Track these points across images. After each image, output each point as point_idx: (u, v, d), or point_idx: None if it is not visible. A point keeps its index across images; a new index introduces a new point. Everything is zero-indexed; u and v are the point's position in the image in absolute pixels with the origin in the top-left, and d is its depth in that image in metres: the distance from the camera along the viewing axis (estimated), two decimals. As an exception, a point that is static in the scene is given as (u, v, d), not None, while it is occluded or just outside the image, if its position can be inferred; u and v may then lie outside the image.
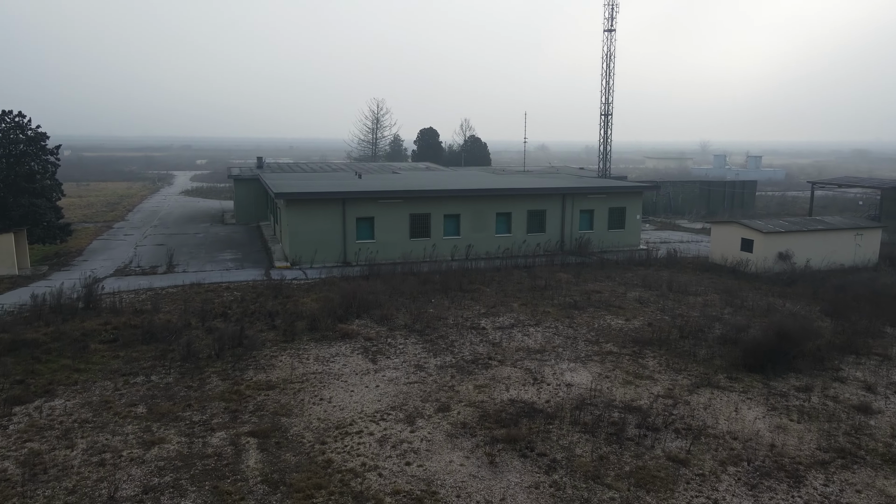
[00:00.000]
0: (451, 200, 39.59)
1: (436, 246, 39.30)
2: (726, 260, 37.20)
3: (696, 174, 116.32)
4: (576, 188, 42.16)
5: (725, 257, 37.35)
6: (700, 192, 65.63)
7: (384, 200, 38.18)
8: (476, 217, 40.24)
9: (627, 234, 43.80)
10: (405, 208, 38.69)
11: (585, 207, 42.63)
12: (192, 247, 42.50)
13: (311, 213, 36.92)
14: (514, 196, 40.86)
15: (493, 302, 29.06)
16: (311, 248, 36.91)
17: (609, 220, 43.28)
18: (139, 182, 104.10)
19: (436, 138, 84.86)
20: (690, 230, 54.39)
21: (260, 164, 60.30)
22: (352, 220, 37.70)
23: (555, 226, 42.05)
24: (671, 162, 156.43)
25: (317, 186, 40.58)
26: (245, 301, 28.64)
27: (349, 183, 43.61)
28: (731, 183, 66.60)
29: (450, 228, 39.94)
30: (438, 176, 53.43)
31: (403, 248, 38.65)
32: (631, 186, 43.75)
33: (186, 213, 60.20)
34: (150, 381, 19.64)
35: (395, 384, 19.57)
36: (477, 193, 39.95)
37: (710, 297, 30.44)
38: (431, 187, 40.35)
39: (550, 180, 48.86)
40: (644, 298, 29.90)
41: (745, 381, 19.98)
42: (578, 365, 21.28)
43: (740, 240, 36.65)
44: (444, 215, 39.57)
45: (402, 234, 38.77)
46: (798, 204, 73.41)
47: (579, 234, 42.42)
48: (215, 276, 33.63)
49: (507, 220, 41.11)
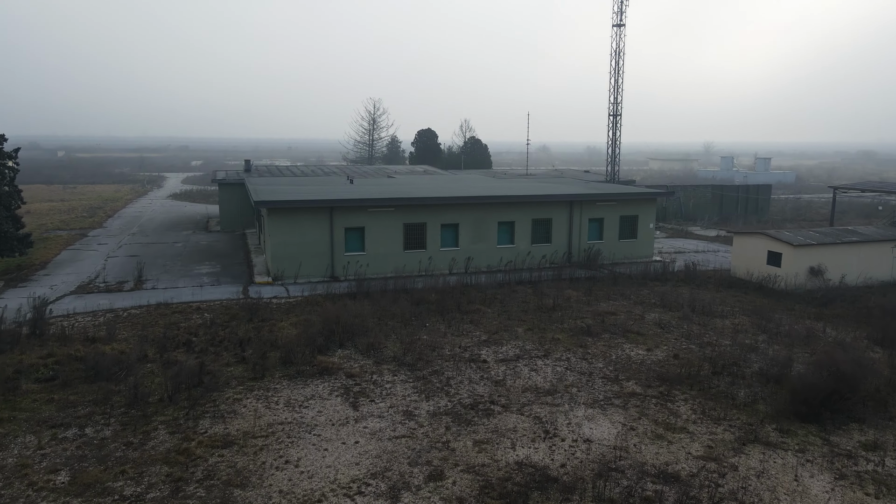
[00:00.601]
0: (449, 209, 36.28)
1: (432, 259, 35.98)
2: (751, 275, 33.88)
3: (703, 177, 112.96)
4: (584, 195, 38.85)
5: (750, 272, 34.03)
6: (712, 196, 62.31)
7: (376, 209, 34.86)
8: (476, 227, 36.93)
9: (640, 245, 40.48)
10: (399, 217, 35.39)
11: (594, 216, 39.31)
12: (168, 258, 39.17)
13: (296, 222, 33.61)
14: (518, 204, 37.55)
15: (494, 326, 25.75)
16: (294, 262, 33.60)
17: (620, 230, 39.96)
18: (129, 184, 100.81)
19: (434, 140, 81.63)
20: (704, 238, 51.07)
21: (248, 167, 57.00)
22: (340, 231, 34.40)
23: (561, 236, 38.74)
24: (676, 164, 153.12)
25: (302, 193, 37.27)
26: (215, 325, 25.32)
27: (339, 189, 40.30)
28: (745, 187, 63.29)
29: (447, 239, 36.63)
30: (436, 181, 50.12)
31: (397, 262, 35.34)
32: (644, 193, 40.48)
33: (169, 220, 56.87)
34: (83, 434, 16.32)
35: (378, 439, 16.25)
36: (477, 201, 36.64)
37: (738, 319, 27.11)
38: (427, 194, 37.03)
39: (556, 186, 45.55)
40: (665, 322, 26.57)
41: (798, 434, 16.65)
42: (597, 411, 17.95)
43: (767, 253, 33.33)
44: (441, 225, 36.26)
45: (396, 245, 35.46)
46: (813, 209, 70.12)
47: (588, 245, 39.11)
48: (187, 295, 30.30)
49: (509, 229, 37.80)
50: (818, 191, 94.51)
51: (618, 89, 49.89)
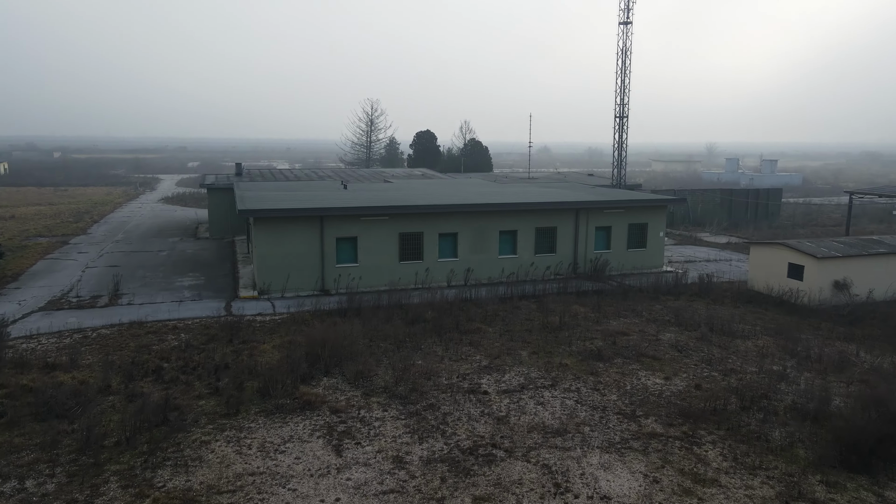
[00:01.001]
0: (448, 217, 34.09)
1: (429, 271, 33.79)
2: (771, 289, 31.69)
3: (707, 179, 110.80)
4: (591, 202, 36.65)
5: (769, 285, 31.84)
6: (721, 201, 60.13)
7: (369, 218, 32.67)
8: (476, 236, 34.74)
9: (650, 255, 38.28)
10: (394, 227, 33.20)
11: (601, 224, 37.11)
12: (150, 269, 36.99)
13: (284, 233, 31.44)
14: (520, 212, 35.35)
15: (496, 349, 23.57)
16: (282, 275, 31.43)
17: (629, 239, 37.76)
18: (122, 187, 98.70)
19: (433, 142, 79.40)
20: (715, 245, 48.90)
21: (239, 170, 54.84)
22: (331, 241, 32.22)
23: (567, 245, 36.54)
24: (678, 165, 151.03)
25: (291, 201, 35.07)
26: (190, 348, 23.14)
27: (331, 196, 38.10)
28: (755, 191, 61.10)
29: (446, 249, 34.45)
30: (434, 186, 47.96)
31: (391, 274, 33.16)
32: (654, 200, 38.29)
33: (157, 226, 54.68)
34: (22, 489, 14.14)
35: (362, 495, 14.06)
36: (477, 209, 34.44)
37: (762, 341, 24.92)
38: (424, 201, 34.82)
39: (560, 192, 43.36)
40: (682, 344, 24.37)
41: (848, 489, 14.45)
42: (614, 457, 15.76)
43: (787, 265, 31.14)
44: (438, 234, 34.07)
45: (390, 256, 33.27)
46: (825, 213, 67.91)
47: (595, 255, 36.91)
48: (164, 311, 28.12)
49: (511, 239, 35.61)
50: (826, 193, 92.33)
51: (624, 90, 47.71)
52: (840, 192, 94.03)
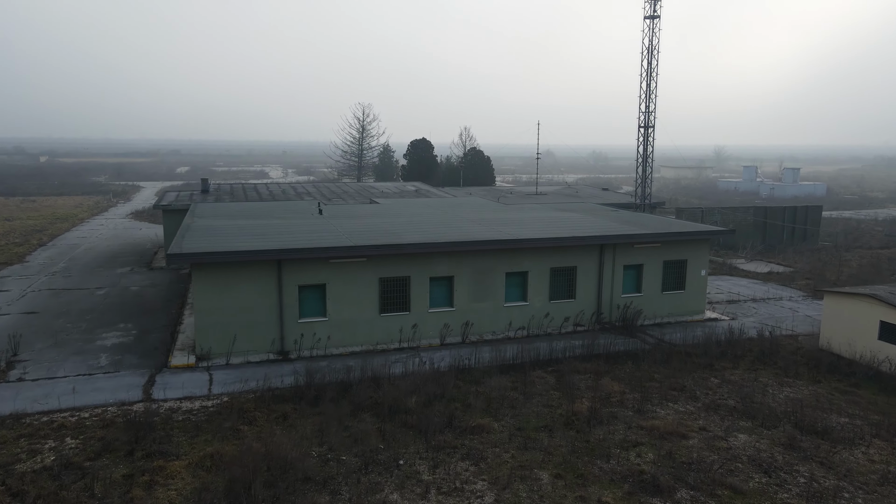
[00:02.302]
0: (442, 257, 27.12)
1: (418, 326, 26.82)
2: (855, 352, 24.70)
3: (723, 188, 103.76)
4: (619, 235, 29.59)
5: (853, 348, 24.84)
6: (754, 220, 53.08)
7: (341, 260, 25.69)
8: (477, 280, 27.77)
9: (689, 298, 31.27)
10: (373, 270, 26.24)
11: (631, 262, 30.11)
12: (75, 318, 30.02)
13: (231, 281, 24.49)
14: (532, 249, 28.34)
15: (505, 468, 16.59)
16: (228, 334, 24.47)
17: (664, 279, 30.77)
18: (96, 196, 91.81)
19: (429, 151, 72.42)
20: (755, 276, 41.86)
21: (205, 187, 47.86)
22: (292, 290, 25.26)
23: (589, 289, 29.54)
24: (689, 172, 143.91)
25: (244, 236, 27.95)
26: (67, 470, 16.17)
27: (299, 226, 31.09)
28: (792, 209, 54.06)
29: (439, 297, 27.48)
30: (427, 208, 40.95)
31: (369, 330, 26.22)
32: (695, 232, 31.20)
33: (111, 251, 47.67)
34: None
35: None
36: (478, 247, 27.42)
37: (874, 449, 17.92)
38: (411, 239, 27.70)
39: (578, 218, 36.33)
40: (767, 460, 17.34)
41: None
42: None
43: (878, 324, 24.13)
44: (430, 279, 27.10)
45: (369, 308, 26.31)
46: (867, 230, 60.67)
47: (623, 301, 29.94)
48: (60, 394, 21.13)
49: (521, 282, 28.63)
50: (856, 205, 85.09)
51: (650, 95, 40.67)
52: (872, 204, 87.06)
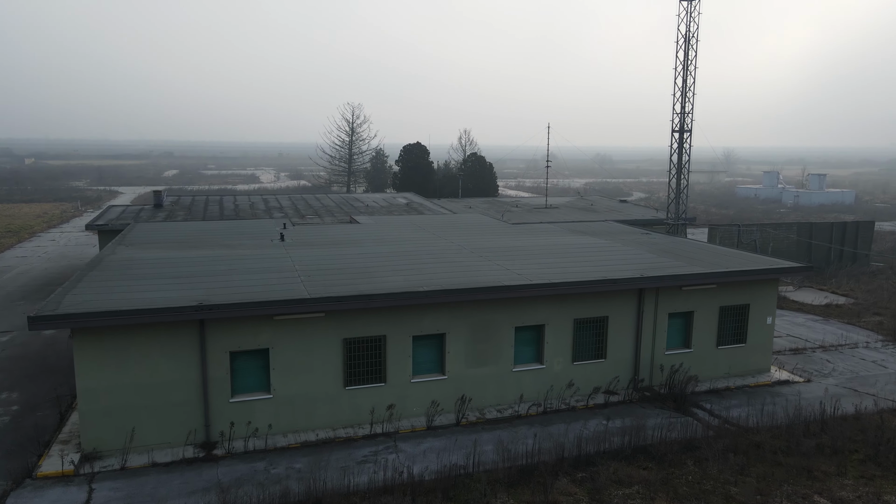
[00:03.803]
0: (429, 309, 20.07)
1: (397, 403, 19.78)
2: None
3: (742, 195, 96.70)
4: (665, 277, 22.46)
5: None
6: (798, 238, 46.00)
7: (289, 317, 18.64)
8: (477, 337, 20.73)
9: (751, 354, 24.22)
10: (335, 328, 19.22)
11: (678, 309, 23.04)
12: (-49, 380, 22.96)
13: (131, 348, 17.51)
14: (551, 297, 21.25)
15: None
16: (126, 424, 17.48)
17: (720, 330, 23.70)
18: (66, 203, 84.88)
19: (425, 157, 65.35)
20: (811, 309, 34.80)
21: (158, 200, 40.86)
22: (221, 359, 18.25)
23: (624, 346, 22.48)
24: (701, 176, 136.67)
25: (158, 283, 20.78)
26: None
27: (240, 262, 24.00)
28: (840, 225, 46.98)
29: (425, 362, 20.44)
30: (416, 229, 33.91)
31: (331, 410, 19.23)
32: (765, 270, 24.00)
33: (46, 276, 40.57)
34: None
35: None
36: (479, 295, 20.30)
37: None
38: (386, 287, 20.44)
39: (604, 247, 29.27)
40: None
41: None
42: None
43: None
44: (412, 338, 20.06)
45: (329, 379, 19.29)
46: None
47: (667, 359, 22.90)
48: None
49: (535, 339, 21.58)
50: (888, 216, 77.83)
51: (685, 94, 33.55)
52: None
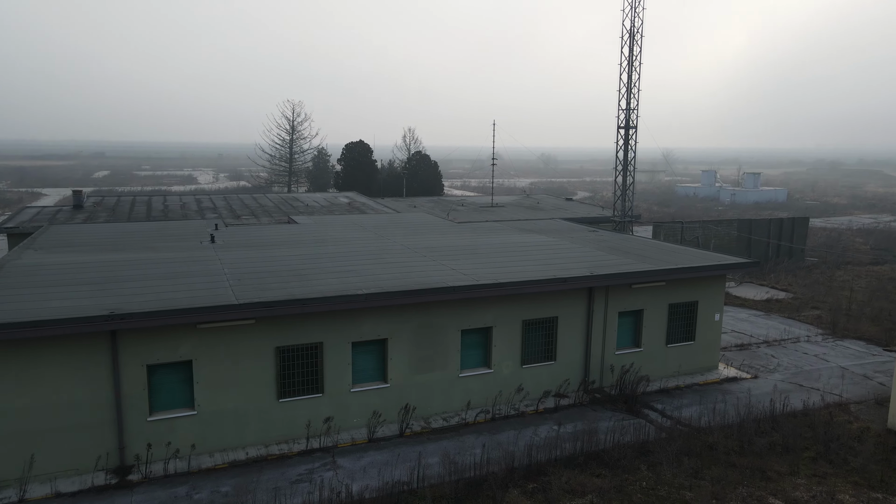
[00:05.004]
0: (370, 313, 18.74)
1: (335, 417, 18.37)
2: (952, 444, 17.66)
3: (682, 194, 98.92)
4: (616, 274, 21.77)
5: (948, 437, 17.79)
6: (738, 234, 46.77)
7: (214, 325, 16.98)
8: (421, 342, 19.54)
9: (700, 351, 23.90)
10: (266, 336, 17.66)
11: (628, 307, 22.46)
12: None
13: (31, 364, 15.51)
14: (499, 298, 20.26)
15: None
16: (26, 448, 15.48)
17: (669, 328, 23.27)
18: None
19: (368, 155, 63.68)
20: (754, 305, 35.17)
21: (78, 201, 37.97)
22: (137, 373, 16.45)
23: (574, 347, 21.72)
24: (642, 175, 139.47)
25: (68, 290, 18.68)
26: None
27: (163, 266, 22.06)
28: (777, 221, 48.03)
29: (365, 369, 19.11)
30: (358, 229, 32.48)
31: (263, 424, 17.66)
32: (713, 266, 23.67)
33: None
34: None
35: None
36: (423, 297, 19.08)
37: None
38: (323, 290, 18.93)
39: (552, 246, 28.56)
40: None
41: None
42: None
43: None
44: (352, 345, 18.70)
45: (261, 391, 17.72)
46: (846, 241, 55.44)
47: (618, 359, 22.28)
48: None
49: (482, 342, 20.56)
50: (823, 212, 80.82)
51: (631, 90, 33.30)
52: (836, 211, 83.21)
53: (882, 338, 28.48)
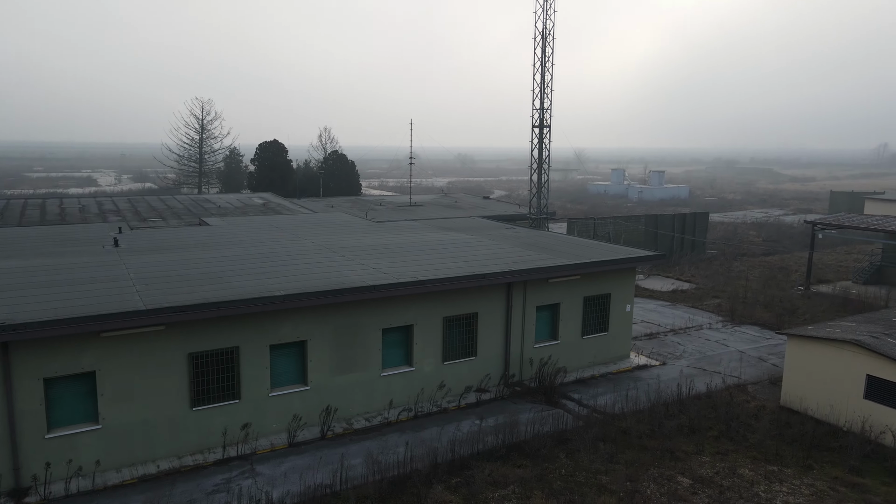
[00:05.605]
0: (288, 315, 18.30)
1: (253, 423, 17.83)
2: (836, 415, 19.30)
3: (593, 192, 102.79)
4: (533, 269, 22.33)
5: (833, 410, 19.42)
6: (646, 229, 49.08)
7: (119, 333, 16.05)
8: (341, 342, 19.28)
9: (613, 342, 24.92)
10: (178, 342, 16.88)
11: (546, 301, 23.09)
12: None
13: None
14: (419, 296, 20.30)
15: None
16: None
17: (585, 320, 24.11)
18: None
19: (283, 155, 62.19)
20: (661, 296, 37.03)
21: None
22: (31, 389, 15.31)
23: (494, 342, 22.10)
24: (556, 173, 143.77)
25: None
26: None
27: (55, 273, 20.68)
28: (681, 216, 50.80)
29: (285, 373, 18.66)
30: (273, 230, 31.66)
31: (175, 436, 16.88)
32: (625, 259, 24.71)
33: None
34: None
35: None
36: (342, 297, 18.83)
37: None
38: (239, 293, 18.33)
39: (471, 243, 28.90)
40: None
41: None
42: None
43: (865, 379, 18.84)
44: (269, 347, 18.19)
45: (172, 400, 16.92)
46: (742, 234, 59.47)
47: (537, 352, 22.86)
48: None
49: (403, 340, 20.55)
50: (721, 207, 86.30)
51: (544, 90, 34.27)
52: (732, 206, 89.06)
53: (774, 322, 30.67)
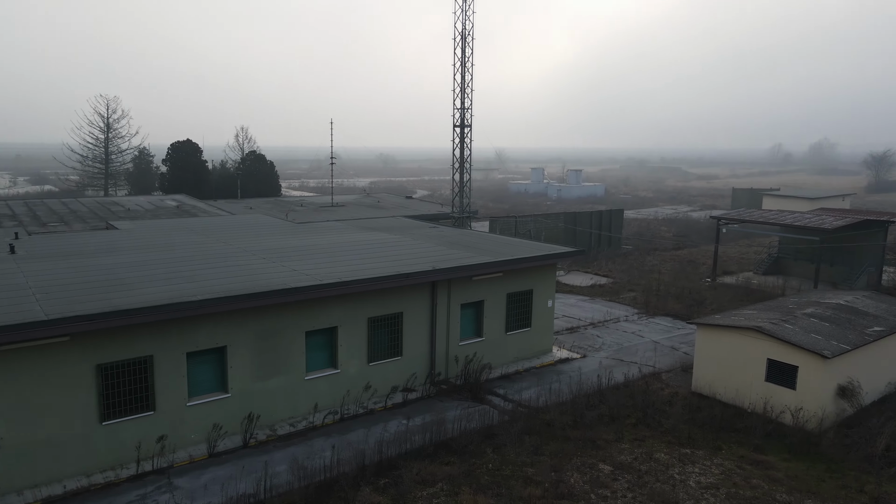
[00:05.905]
0: (205, 321, 17.60)
1: (169, 435, 17.04)
2: (741, 398, 20.56)
3: (514, 190, 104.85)
4: (457, 268, 22.49)
5: (738, 393, 20.68)
6: (565, 226, 50.55)
7: (18, 345, 14.94)
8: (262, 347, 18.75)
9: (536, 337, 25.50)
10: (85, 353, 15.89)
11: (470, 299, 23.34)
12: None
13: None
14: (342, 297, 20.03)
15: None
16: None
17: (508, 317, 24.55)
18: None
19: (197, 155, 59.71)
20: (580, 291, 38.22)
21: None
22: (-83, 409, 13.98)
23: (419, 341, 22.12)
24: (477, 173, 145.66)
25: None
26: None
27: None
28: (598, 214, 52.66)
29: (203, 380, 17.95)
30: (188, 233, 30.37)
31: (83, 453, 15.91)
32: (546, 256, 25.29)
33: None
34: None
35: None
36: (263, 300, 18.30)
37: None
38: (151, 299, 17.39)
39: (395, 243, 28.79)
40: None
41: None
42: None
43: (766, 363, 20.18)
44: (186, 355, 17.44)
45: (79, 415, 15.92)
46: (654, 229, 62.39)
47: (461, 350, 23.08)
48: None
49: (328, 342, 20.22)
50: (635, 204, 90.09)
51: (465, 90, 34.64)
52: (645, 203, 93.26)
53: (685, 313, 32.32)
